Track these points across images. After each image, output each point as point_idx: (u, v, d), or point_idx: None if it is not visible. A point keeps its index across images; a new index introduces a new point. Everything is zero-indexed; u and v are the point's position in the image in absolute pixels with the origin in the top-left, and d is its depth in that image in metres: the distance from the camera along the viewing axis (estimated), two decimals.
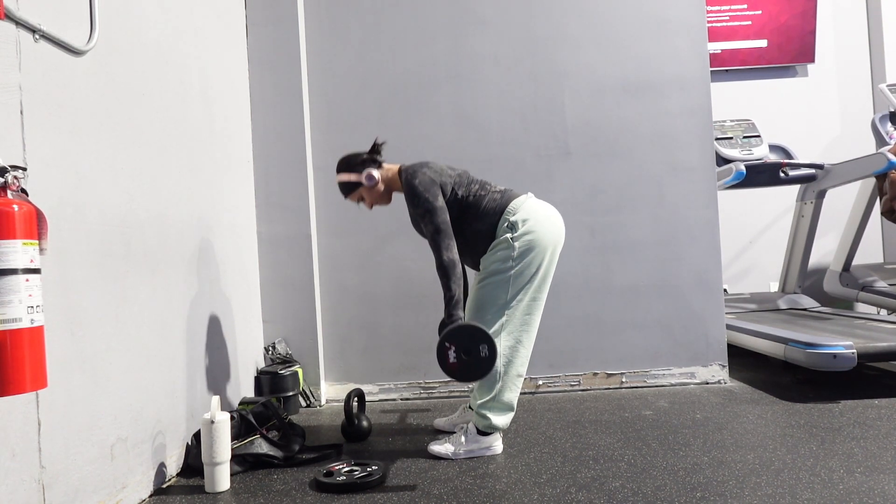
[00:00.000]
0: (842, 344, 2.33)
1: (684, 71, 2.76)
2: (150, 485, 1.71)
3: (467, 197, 1.90)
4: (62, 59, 1.41)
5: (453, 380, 1.70)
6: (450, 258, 1.77)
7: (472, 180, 1.95)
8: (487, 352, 1.67)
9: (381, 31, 2.79)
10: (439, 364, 1.69)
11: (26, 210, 1.04)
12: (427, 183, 1.84)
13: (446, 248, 1.78)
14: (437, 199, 1.83)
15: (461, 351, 1.68)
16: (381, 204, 2.03)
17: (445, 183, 1.88)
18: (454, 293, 1.75)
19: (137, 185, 1.71)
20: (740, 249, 4.47)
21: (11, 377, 1.00)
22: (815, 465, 1.66)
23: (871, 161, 3.23)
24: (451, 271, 1.76)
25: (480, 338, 1.67)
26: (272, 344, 2.69)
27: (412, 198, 1.83)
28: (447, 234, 1.80)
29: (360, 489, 1.65)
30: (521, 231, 1.84)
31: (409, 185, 1.84)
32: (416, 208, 1.83)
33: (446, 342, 1.68)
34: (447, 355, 1.68)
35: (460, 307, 1.76)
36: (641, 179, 2.76)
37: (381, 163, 2.00)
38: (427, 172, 1.87)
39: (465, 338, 1.68)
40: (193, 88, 2.12)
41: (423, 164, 1.90)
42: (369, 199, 2.01)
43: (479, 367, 1.68)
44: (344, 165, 1.98)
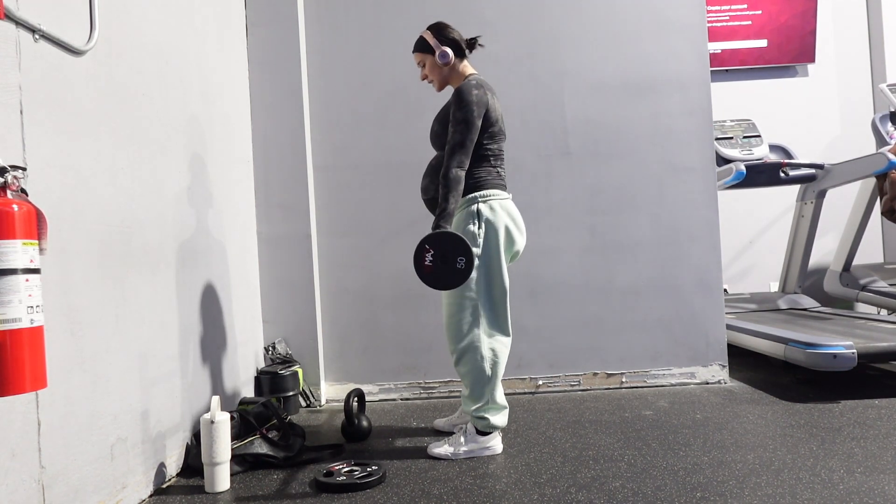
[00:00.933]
0: (842, 344, 2.33)
1: (684, 71, 2.76)
2: (150, 485, 1.71)
3: (484, 147, 1.90)
4: (62, 59, 1.41)
5: (424, 283, 1.72)
6: (457, 174, 1.80)
7: (500, 145, 1.96)
8: (464, 265, 1.70)
9: (381, 32, 2.79)
10: (414, 265, 1.71)
11: (26, 210, 1.04)
12: (482, 101, 1.85)
13: (459, 164, 1.81)
14: (479, 118, 1.85)
15: (439, 257, 1.70)
16: (434, 84, 2.02)
17: (490, 118, 1.89)
18: (450, 205, 1.78)
19: (137, 185, 1.71)
20: (740, 249, 4.47)
21: (11, 377, 1.00)
22: (815, 465, 1.66)
23: (871, 161, 3.23)
24: (454, 185, 1.79)
25: (461, 250, 1.70)
26: (272, 344, 2.69)
27: (461, 101, 1.84)
28: (467, 152, 1.83)
29: (360, 489, 1.65)
30: (486, 224, 1.86)
31: (467, 88, 1.85)
32: (458, 111, 1.84)
33: (427, 244, 1.70)
34: (424, 258, 1.70)
35: (450, 221, 1.78)
36: (641, 179, 2.76)
37: (465, 56, 2.00)
38: (489, 95, 1.88)
39: (445, 245, 1.70)
40: (193, 88, 2.12)
41: (490, 88, 1.93)
42: (427, 71, 2.01)
43: (453, 277, 1.71)
44: (436, 28, 1.98)
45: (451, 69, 1.99)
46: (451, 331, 1.91)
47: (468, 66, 2.01)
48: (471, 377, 1.90)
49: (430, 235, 1.72)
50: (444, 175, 1.81)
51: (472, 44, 2.01)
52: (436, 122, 1.98)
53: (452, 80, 2.01)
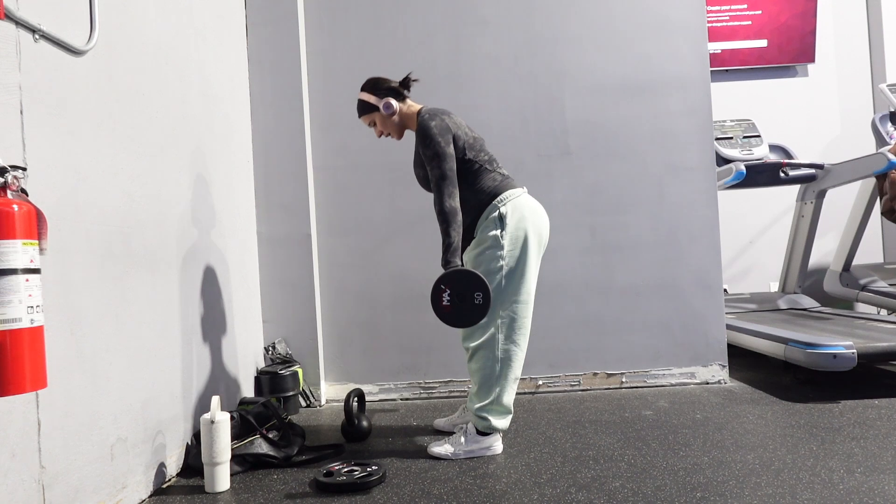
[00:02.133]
0: (842, 344, 2.33)
1: (684, 71, 2.76)
2: (150, 485, 1.71)
3: (473, 162, 1.90)
4: (62, 59, 1.41)
5: (445, 323, 1.72)
6: (451, 205, 1.79)
7: (484, 150, 1.95)
8: (481, 299, 1.69)
9: (381, 31, 2.79)
10: (432, 306, 1.71)
11: (26, 210, 1.04)
12: (443, 128, 1.84)
13: (449, 196, 1.80)
14: (448, 145, 1.83)
15: (455, 295, 1.69)
16: (392, 136, 2.04)
17: (459, 137, 1.88)
18: (453, 240, 1.77)
19: (137, 185, 1.71)
20: (740, 249, 4.47)
21: (11, 377, 1.00)
22: (815, 465, 1.66)
23: (871, 161, 3.23)
24: (451, 218, 1.78)
25: (476, 285, 1.69)
26: (272, 344, 2.69)
27: (424, 138, 1.83)
28: (452, 181, 1.81)
29: (360, 489, 1.65)
30: (509, 227, 1.85)
31: (424, 125, 1.85)
32: (425, 149, 1.83)
33: (442, 284, 1.69)
34: (441, 297, 1.70)
35: (458, 254, 1.77)
36: (641, 179, 2.76)
37: (406, 97, 2.00)
38: (445, 119, 1.87)
39: (461, 282, 1.69)
40: (193, 88, 2.12)
41: (444, 111, 1.92)
42: (380, 127, 2.02)
43: (472, 314, 1.70)
44: (369, 86, 1.99)
45: (401, 115, 1.99)
46: (469, 329, 1.89)
47: (413, 103, 2.00)
48: (480, 374, 1.89)
49: (444, 275, 1.70)
50: (439, 211, 1.79)
51: (407, 82, 2.00)
52: (416, 167, 1.97)
53: (408, 124, 2.01)
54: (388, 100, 1.95)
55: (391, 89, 1.98)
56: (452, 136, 1.86)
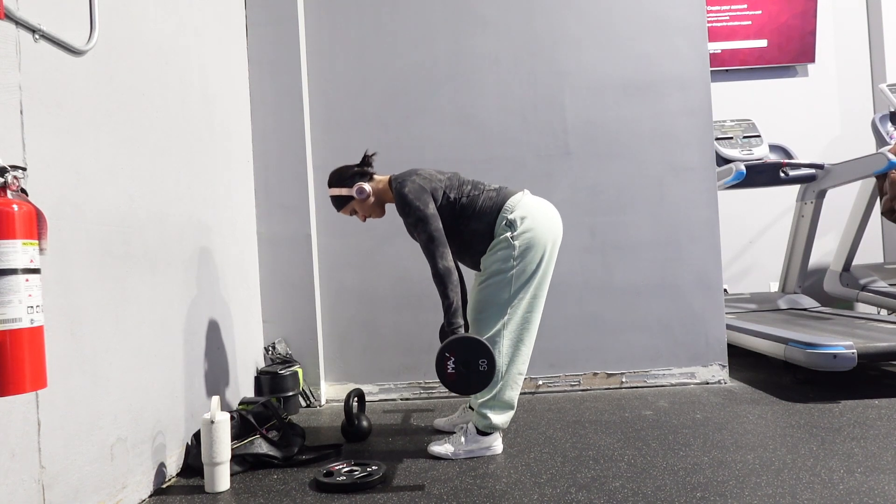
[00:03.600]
0: (842, 344, 2.33)
1: (684, 71, 2.76)
2: (150, 485, 1.71)
3: (460, 198, 1.89)
4: (62, 59, 1.41)
5: (450, 391, 1.71)
6: (445, 266, 1.77)
7: (464, 181, 1.94)
8: (487, 366, 1.67)
9: (381, 31, 2.79)
10: (437, 374, 1.69)
11: (26, 210, 1.04)
12: (417, 191, 1.83)
13: (441, 257, 1.78)
14: (427, 206, 1.82)
15: (460, 363, 1.68)
16: (375, 216, 2.04)
17: (436, 188, 1.87)
18: (452, 301, 1.75)
19: (137, 185, 1.71)
20: (740, 249, 4.47)
21: (11, 377, 1.00)
22: (815, 465, 1.66)
23: (871, 161, 3.23)
24: (446, 279, 1.76)
25: (481, 352, 1.67)
26: (272, 344, 2.69)
27: (403, 207, 1.83)
28: (440, 241, 1.80)
29: (360, 489, 1.65)
30: (521, 229, 1.84)
31: (399, 194, 1.84)
32: (407, 217, 1.83)
33: (446, 352, 1.68)
34: (446, 366, 1.68)
35: (459, 314, 1.76)
36: (641, 179, 2.76)
37: (373, 175, 2.00)
38: (416, 180, 1.86)
39: (465, 350, 1.68)
40: (193, 88, 2.12)
41: (412, 173, 1.90)
42: (362, 212, 2.01)
43: (478, 381, 1.69)
44: (335, 179, 1.98)
45: (375, 193, 1.98)
46: (478, 325, 1.88)
47: (380, 177, 2.00)
48: None
49: (448, 343, 1.69)
50: (434, 274, 1.78)
51: (368, 160, 2.00)
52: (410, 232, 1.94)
53: (385, 198, 2.00)
54: (359, 185, 1.94)
55: (356, 174, 1.97)
56: (430, 192, 1.85)
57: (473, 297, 1.93)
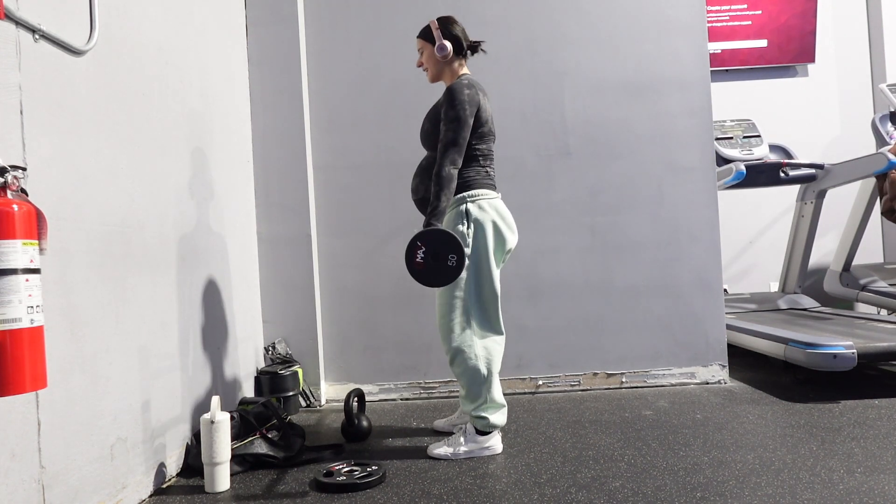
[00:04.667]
0: (842, 344, 2.33)
1: (684, 71, 2.76)
2: (150, 485, 1.71)
3: (473, 147, 1.90)
4: (62, 59, 1.41)
5: (416, 280, 1.72)
6: (450, 172, 1.81)
7: (490, 145, 1.96)
8: (455, 262, 1.70)
9: (381, 31, 2.79)
10: (406, 263, 1.73)
11: (26, 210, 1.04)
12: (474, 99, 1.86)
13: (452, 162, 1.81)
14: (471, 116, 1.85)
15: (430, 254, 1.71)
16: (428, 73, 2.02)
17: (480, 118, 1.89)
18: (441, 203, 1.78)
19: (137, 185, 1.71)
20: (740, 249, 4.47)
21: (11, 377, 1.00)
22: (815, 465, 1.66)
23: (871, 161, 3.23)
24: (446, 183, 1.80)
25: (452, 247, 1.71)
26: (272, 344, 2.69)
27: (452, 100, 1.84)
28: (460, 150, 1.83)
29: (360, 489, 1.65)
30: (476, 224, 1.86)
31: (458, 88, 1.85)
32: (449, 109, 1.83)
33: (418, 241, 1.71)
34: (416, 254, 1.71)
35: (441, 218, 1.79)
36: (641, 179, 2.76)
37: (464, 55, 2.00)
38: (479, 96, 1.88)
39: (437, 242, 1.71)
40: (193, 88, 2.12)
41: (483, 89, 1.93)
42: (424, 58, 2.02)
43: (444, 274, 1.72)
44: (442, 22, 1.98)
45: (447, 65, 1.99)
46: (444, 331, 1.91)
47: (464, 66, 2.01)
48: (466, 377, 1.90)
49: (421, 232, 1.72)
50: (437, 173, 1.80)
51: (475, 46, 2.01)
52: (426, 120, 1.97)
53: (445, 77, 2.01)
54: (446, 42, 1.94)
55: (457, 38, 1.97)
56: (477, 111, 1.87)
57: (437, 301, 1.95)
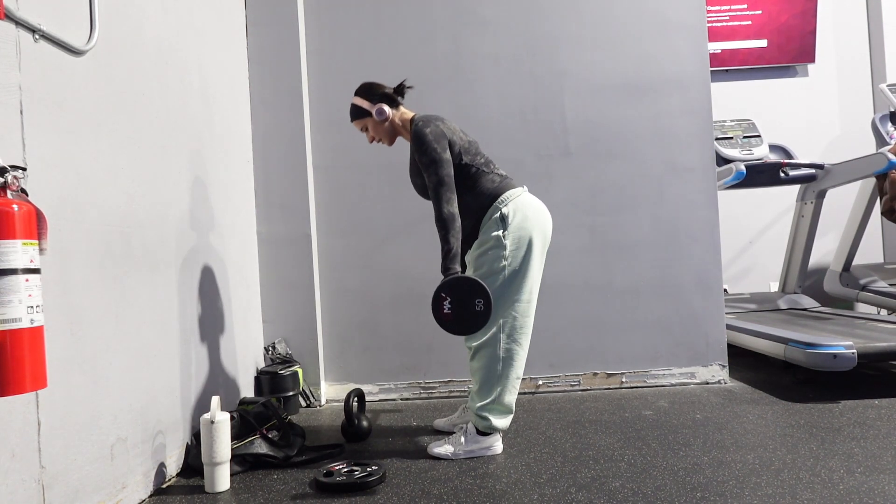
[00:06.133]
0: (842, 344, 2.33)
1: (684, 71, 2.76)
2: (150, 485, 1.71)
3: (470, 166, 1.89)
4: (62, 59, 1.41)
5: (446, 331, 1.72)
6: (450, 211, 1.78)
7: (480, 153, 1.94)
8: (483, 306, 1.68)
9: (381, 32, 2.79)
10: (433, 314, 1.71)
11: (26, 210, 1.04)
12: (438, 134, 1.84)
13: (447, 202, 1.79)
14: (445, 151, 1.83)
15: (456, 303, 1.69)
16: (383, 142, 2.03)
17: (454, 142, 1.87)
18: (452, 246, 1.76)
19: (137, 185, 1.71)
20: (740, 249, 4.47)
21: (11, 377, 1.00)
22: (815, 465, 1.66)
23: (871, 161, 3.23)
24: (450, 224, 1.77)
25: (477, 292, 1.68)
26: (272, 344, 2.69)
27: (420, 145, 1.83)
28: (450, 187, 1.81)
29: (360, 489, 1.65)
30: (512, 227, 1.84)
31: (419, 132, 1.84)
32: (421, 156, 1.82)
33: (442, 292, 1.69)
34: (442, 305, 1.69)
35: (457, 260, 1.77)
36: (641, 179, 2.76)
37: (400, 104, 2.00)
38: (440, 125, 1.87)
39: (461, 290, 1.69)
40: (193, 88, 2.12)
41: (438, 117, 1.91)
42: (372, 133, 2.01)
43: (473, 321, 1.69)
44: (363, 91, 1.98)
45: (393, 122, 1.99)
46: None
47: (406, 111, 2.00)
48: (482, 374, 1.89)
49: (445, 282, 1.69)
50: (438, 218, 1.78)
51: (401, 89, 2.00)
52: (412, 175, 1.96)
53: (400, 132, 2.00)
54: (381, 106, 1.95)
55: (385, 95, 1.97)
56: (448, 141, 1.86)
57: None
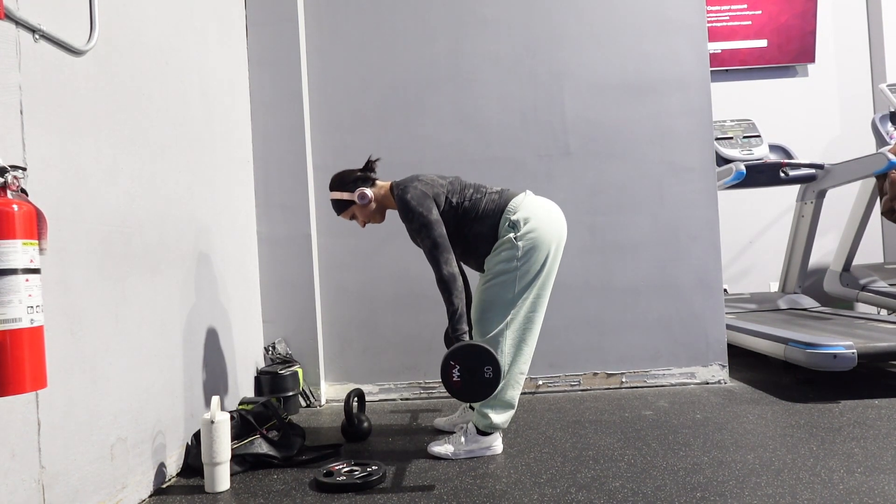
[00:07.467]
0: (842, 344, 2.33)
1: (684, 71, 2.76)
2: (150, 485, 1.71)
3: (462, 203, 1.89)
4: (62, 59, 1.41)
5: (456, 399, 1.71)
6: (449, 272, 1.77)
7: (466, 185, 1.94)
8: (492, 374, 1.67)
9: (381, 31, 2.79)
10: (443, 382, 1.69)
11: (26, 210, 1.04)
12: (420, 197, 1.83)
13: (445, 262, 1.78)
14: (431, 212, 1.82)
15: (465, 370, 1.67)
16: (375, 222, 2.04)
17: (438, 194, 1.87)
18: (457, 307, 1.75)
19: (137, 185, 1.71)
20: (740, 249, 4.47)
21: (11, 377, 1.00)
22: (815, 465, 1.66)
23: (871, 161, 3.23)
24: (451, 285, 1.76)
25: (486, 359, 1.67)
26: (272, 344, 2.69)
27: (406, 213, 1.82)
28: (445, 247, 1.80)
29: (360, 489, 1.65)
30: (524, 230, 1.84)
31: (402, 200, 1.84)
32: (410, 223, 1.82)
33: (451, 360, 1.68)
34: (451, 374, 1.68)
35: (464, 320, 1.76)
36: (641, 179, 2.76)
37: (375, 180, 2.00)
38: (419, 186, 1.86)
39: (470, 357, 1.67)
40: (193, 88, 2.12)
41: (413, 179, 1.90)
42: (362, 217, 2.01)
43: (482, 389, 1.68)
44: (337, 183, 1.98)
45: (376, 200, 1.98)
46: (481, 325, 1.88)
47: (382, 183, 2.00)
48: None
49: (452, 351, 1.68)
50: (438, 280, 1.78)
51: (370, 165, 2.00)
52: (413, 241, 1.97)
53: (386, 204, 2.00)
54: (361, 191, 1.94)
55: (359, 179, 1.97)
56: (432, 198, 1.85)
57: (477, 297, 1.92)
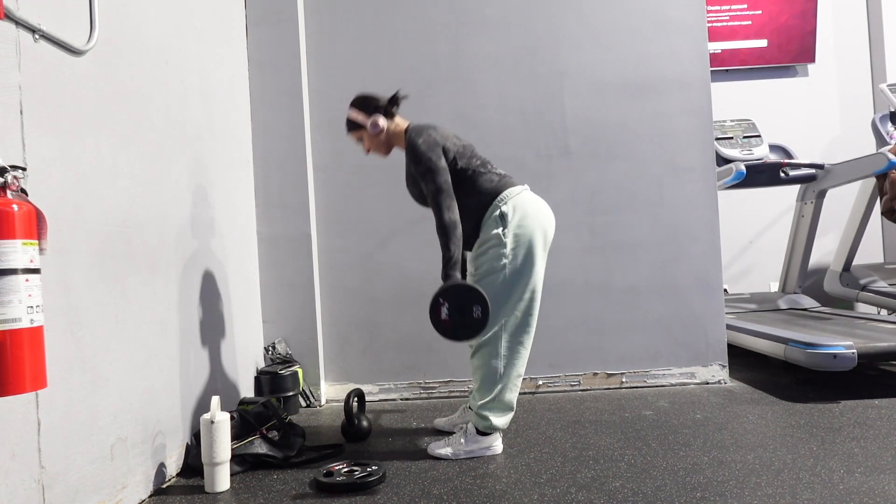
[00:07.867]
0: (842, 344, 2.33)
1: (684, 71, 2.76)
2: (150, 485, 1.71)
3: (466, 170, 1.90)
4: (62, 59, 1.41)
5: (443, 337, 1.72)
6: (451, 218, 1.79)
7: (476, 155, 1.94)
8: (480, 313, 1.69)
9: (381, 31, 2.79)
10: (431, 319, 1.71)
11: (26, 210, 1.04)
12: (431, 143, 1.85)
13: (448, 209, 1.79)
14: (440, 159, 1.84)
15: (454, 309, 1.69)
16: (378, 153, 2.05)
17: (448, 149, 1.88)
18: (453, 253, 1.77)
19: (137, 185, 1.71)
20: (740, 249, 4.47)
21: (11, 377, 1.00)
22: (815, 465, 1.66)
23: (871, 161, 3.23)
24: (451, 231, 1.78)
25: (475, 298, 1.69)
26: (272, 344, 2.69)
27: (414, 156, 1.84)
28: (448, 193, 1.81)
29: (360, 489, 1.65)
30: (512, 225, 1.84)
31: (412, 143, 1.85)
32: (417, 166, 1.83)
33: (440, 298, 1.69)
34: (440, 311, 1.70)
35: (458, 268, 1.77)
36: (641, 179, 2.76)
37: (394, 115, 2.00)
38: (432, 134, 1.88)
39: (459, 296, 1.70)
40: (193, 88, 2.12)
41: (429, 126, 1.92)
42: (367, 144, 2.02)
43: (471, 327, 1.70)
44: (359, 103, 1.99)
45: (388, 133, 1.99)
46: None
47: (400, 121, 2.01)
48: (482, 372, 1.89)
49: (443, 289, 1.70)
50: (439, 225, 1.79)
51: (396, 99, 2.00)
52: (410, 185, 1.97)
53: (395, 142, 2.01)
54: (375, 118, 1.95)
55: (380, 107, 1.98)
56: (442, 148, 1.87)
57: None
